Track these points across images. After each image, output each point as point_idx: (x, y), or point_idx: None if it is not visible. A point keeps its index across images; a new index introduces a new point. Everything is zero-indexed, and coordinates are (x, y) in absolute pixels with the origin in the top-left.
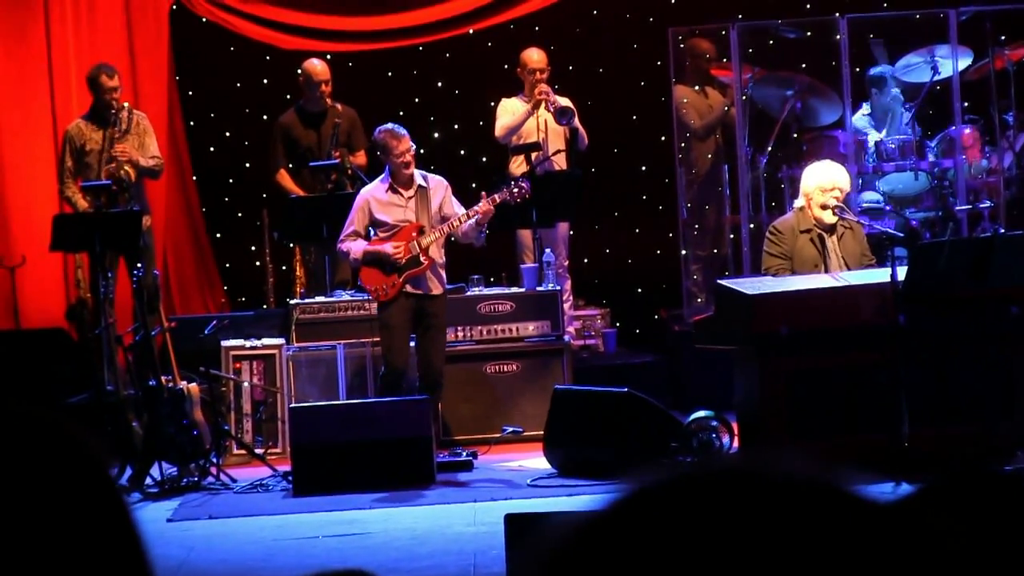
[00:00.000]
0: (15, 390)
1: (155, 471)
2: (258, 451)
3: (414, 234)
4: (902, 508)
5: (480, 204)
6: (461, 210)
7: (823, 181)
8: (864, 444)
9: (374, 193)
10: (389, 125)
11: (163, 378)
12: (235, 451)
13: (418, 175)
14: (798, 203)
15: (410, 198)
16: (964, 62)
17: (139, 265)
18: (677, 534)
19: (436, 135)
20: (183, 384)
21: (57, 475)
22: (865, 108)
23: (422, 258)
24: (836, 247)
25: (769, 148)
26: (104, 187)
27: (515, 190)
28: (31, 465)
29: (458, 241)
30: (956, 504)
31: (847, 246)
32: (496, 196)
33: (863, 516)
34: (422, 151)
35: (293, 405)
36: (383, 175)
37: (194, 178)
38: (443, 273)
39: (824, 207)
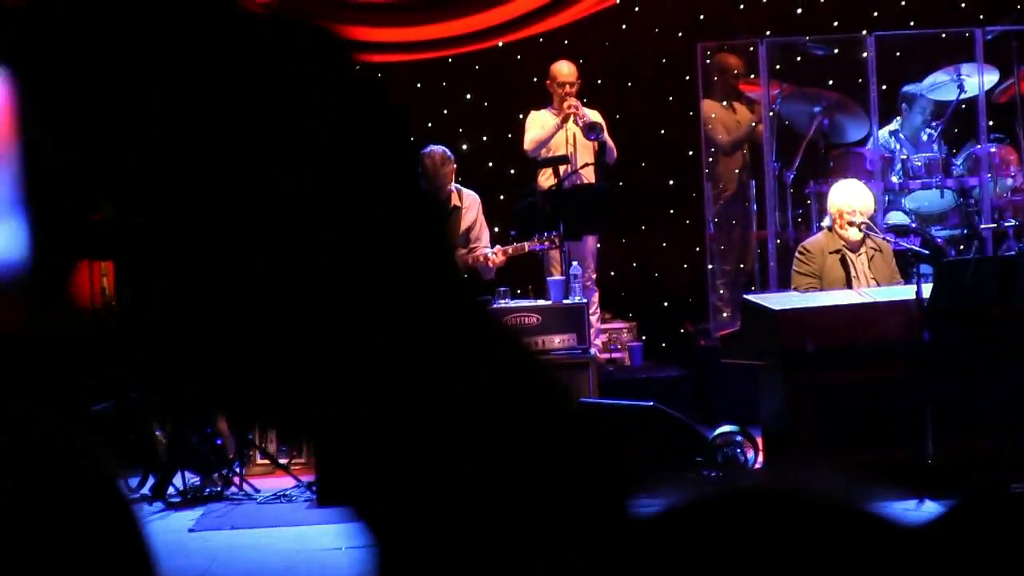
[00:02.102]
0: (39, 397)
1: (178, 480)
2: (282, 461)
3: None
4: (923, 530)
5: (500, 252)
6: (486, 233)
7: (844, 204)
8: (888, 460)
9: None
10: (440, 149)
11: None
12: (259, 461)
13: (454, 191)
14: (826, 222)
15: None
16: (990, 80)
17: None
18: (702, 558)
19: (464, 147)
20: None
21: (60, 478)
22: (894, 124)
23: None
24: (866, 268)
25: (796, 164)
26: None
27: (546, 241)
28: (31, 467)
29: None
30: (977, 527)
31: (877, 268)
32: (525, 245)
33: (885, 539)
34: None
35: None
36: None
37: None
38: None
39: (851, 224)
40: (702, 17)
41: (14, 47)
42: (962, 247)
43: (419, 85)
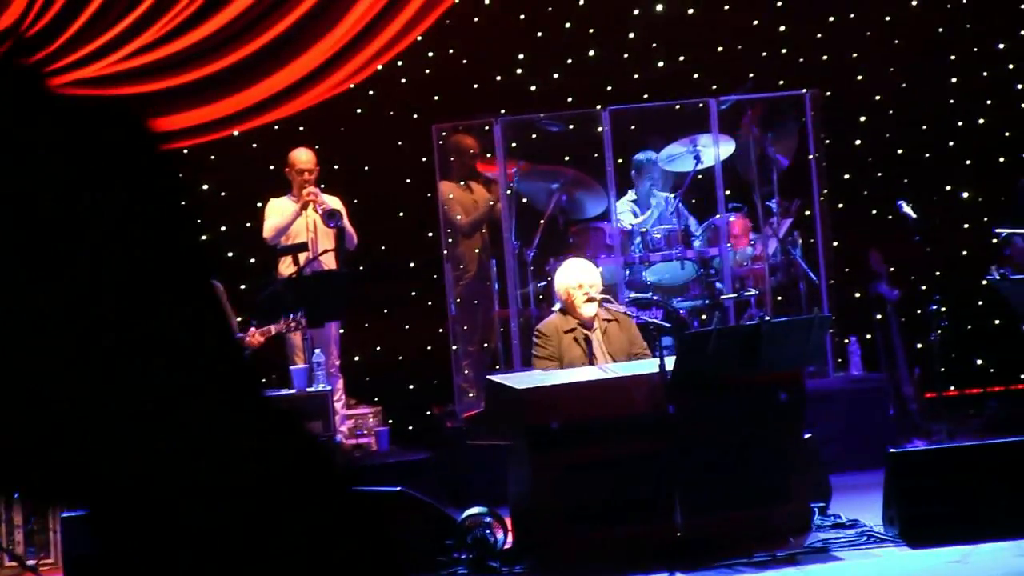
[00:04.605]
0: None
1: None
2: (30, 562)
3: None
4: None
5: (251, 335)
6: (233, 321)
7: (571, 281)
8: (639, 535)
9: None
10: None
11: None
12: (7, 563)
13: None
14: (557, 306)
15: None
16: (726, 151)
17: None
18: None
19: (203, 237)
20: None
21: None
22: (631, 194)
23: None
24: (600, 342)
25: (536, 242)
26: None
27: (292, 323)
28: None
29: None
30: None
31: (612, 340)
32: (272, 328)
33: None
34: None
35: (65, 514)
36: None
37: None
38: None
39: (588, 300)
40: (436, 98)
41: None
42: (704, 317)
43: None
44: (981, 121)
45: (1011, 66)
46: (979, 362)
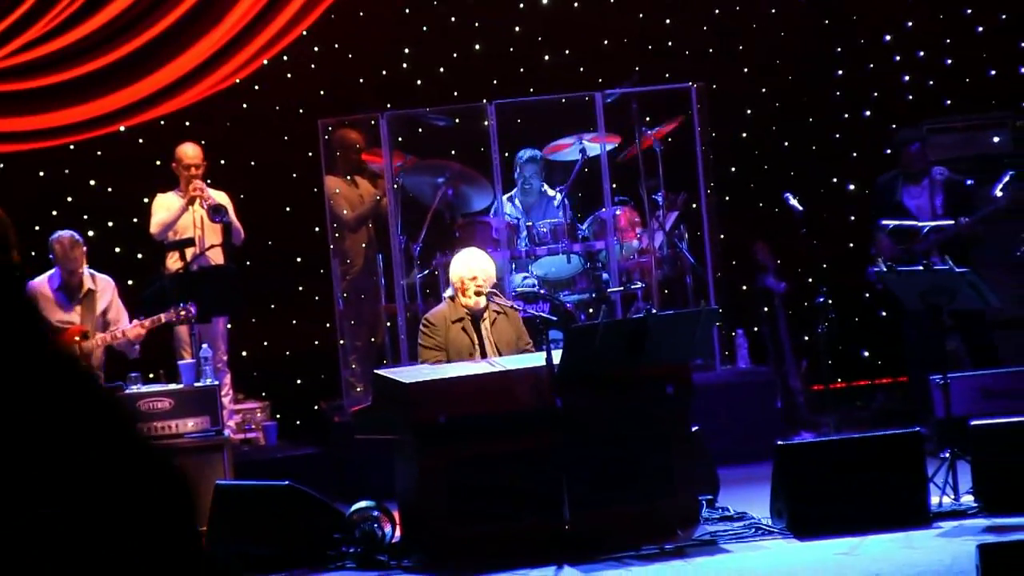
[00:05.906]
0: None
1: None
2: None
3: (77, 338)
4: None
5: (137, 325)
6: (124, 316)
7: (464, 271)
8: (527, 528)
9: (40, 289)
10: (68, 233)
11: None
12: None
13: (87, 275)
14: (448, 292)
15: (78, 301)
16: (612, 143)
17: None
18: None
19: (91, 233)
20: None
21: None
22: (513, 190)
23: (85, 362)
24: (489, 333)
25: (422, 236)
26: None
27: (181, 312)
28: None
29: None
30: None
31: (501, 332)
32: (161, 316)
33: None
34: None
35: None
36: (53, 272)
37: None
38: (102, 376)
39: (477, 293)
40: (322, 93)
41: None
42: (591, 311)
43: (42, 174)
44: (868, 114)
45: (897, 58)
46: (866, 354)
